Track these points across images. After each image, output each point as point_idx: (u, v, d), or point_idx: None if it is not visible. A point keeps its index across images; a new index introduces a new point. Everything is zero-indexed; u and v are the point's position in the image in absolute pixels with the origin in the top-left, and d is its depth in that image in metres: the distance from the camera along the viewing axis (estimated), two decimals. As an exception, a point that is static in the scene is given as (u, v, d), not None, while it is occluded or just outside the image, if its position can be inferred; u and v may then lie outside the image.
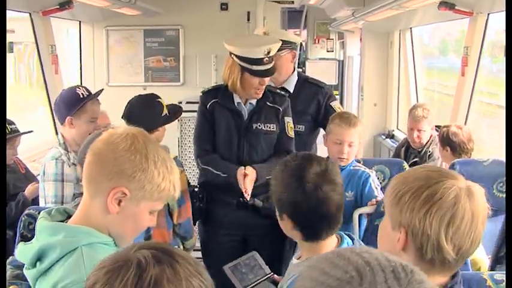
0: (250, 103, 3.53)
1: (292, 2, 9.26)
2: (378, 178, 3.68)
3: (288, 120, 3.59)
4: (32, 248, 1.64)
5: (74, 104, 3.52)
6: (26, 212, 2.79)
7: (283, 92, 3.66)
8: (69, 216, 1.75)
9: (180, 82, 6.99)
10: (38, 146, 5.94)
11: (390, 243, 1.59)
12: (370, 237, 3.08)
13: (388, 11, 5.10)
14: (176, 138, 6.67)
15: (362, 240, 2.85)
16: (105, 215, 1.66)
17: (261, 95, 3.49)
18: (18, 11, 4.99)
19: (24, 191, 4.02)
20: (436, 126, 5.03)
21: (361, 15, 6.14)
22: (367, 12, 5.78)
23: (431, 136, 4.96)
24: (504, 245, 2.69)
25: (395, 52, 7.79)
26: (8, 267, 1.97)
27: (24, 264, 1.77)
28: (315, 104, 4.01)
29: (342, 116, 3.47)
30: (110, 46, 6.88)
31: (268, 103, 3.53)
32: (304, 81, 4.09)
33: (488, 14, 4.82)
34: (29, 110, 7.22)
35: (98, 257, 1.54)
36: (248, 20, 6.82)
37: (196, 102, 6.59)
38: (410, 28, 7.30)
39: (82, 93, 3.59)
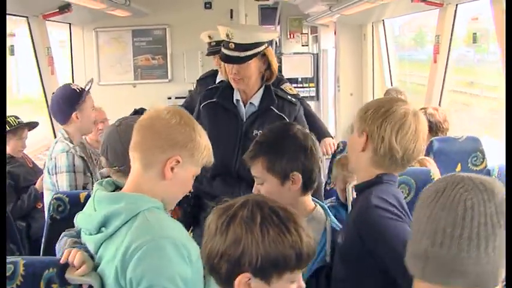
0: (251, 103, 3.19)
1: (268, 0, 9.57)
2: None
3: None
4: (97, 216, 1.89)
5: (75, 100, 3.58)
6: (55, 196, 3.04)
7: (294, 99, 3.30)
8: (117, 187, 2.06)
9: (168, 79, 7.29)
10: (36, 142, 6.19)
11: (355, 147, 2.16)
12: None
13: (365, 4, 5.39)
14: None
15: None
16: (159, 181, 1.91)
17: (238, 88, 3.16)
18: (16, 15, 5.22)
19: (34, 183, 4.20)
20: None
21: (338, 9, 6.42)
22: (345, 6, 6.05)
23: None
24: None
25: (369, 44, 8.08)
26: (65, 238, 2.21)
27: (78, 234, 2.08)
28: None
29: None
30: (100, 47, 7.13)
31: (274, 108, 3.18)
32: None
33: (457, 4, 5.18)
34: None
35: (161, 217, 1.87)
36: (231, 17, 7.11)
37: (184, 97, 6.95)
38: (383, 20, 7.58)
39: (77, 88, 3.66)
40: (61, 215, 2.93)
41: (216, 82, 4.20)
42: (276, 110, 3.16)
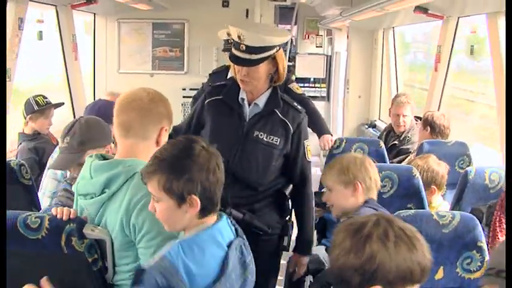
0: (256, 104, 3.13)
1: (285, 0, 9.79)
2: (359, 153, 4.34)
3: (308, 144, 3.23)
4: (100, 179, 2.26)
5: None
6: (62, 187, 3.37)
7: (299, 107, 3.22)
8: (105, 158, 2.39)
9: (184, 71, 7.61)
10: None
11: (344, 197, 2.89)
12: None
13: (372, 12, 5.65)
14: (180, 121, 7.30)
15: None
16: (153, 148, 2.26)
17: (245, 89, 3.11)
18: (45, 3, 5.54)
19: None
20: (415, 116, 5.42)
21: (348, 15, 6.66)
22: (354, 12, 6.30)
23: (411, 122, 5.31)
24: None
25: (379, 49, 8.35)
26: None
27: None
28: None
29: None
30: (121, 37, 7.47)
31: (278, 112, 3.12)
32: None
33: (458, 17, 5.48)
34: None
35: None
36: (247, 16, 7.42)
37: (198, 89, 7.27)
38: (393, 27, 7.86)
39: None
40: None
41: (227, 78, 4.33)
42: (279, 114, 3.12)
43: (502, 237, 3.08)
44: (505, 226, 3.10)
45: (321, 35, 12.34)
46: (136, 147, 2.31)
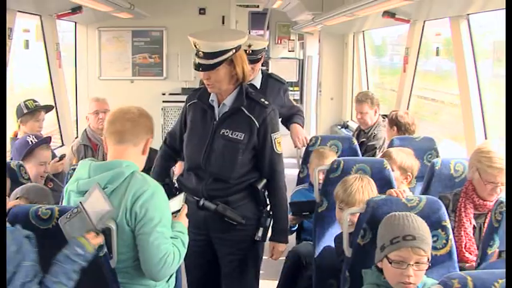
0: (224, 104, 3.35)
1: (258, 6, 10.00)
2: (333, 150, 4.60)
3: (276, 136, 3.39)
4: (102, 177, 2.58)
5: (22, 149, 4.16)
6: (72, 167, 3.63)
7: (266, 102, 3.38)
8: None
9: (164, 76, 7.78)
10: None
11: None
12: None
13: (343, 17, 5.95)
14: (160, 125, 7.56)
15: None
16: (140, 156, 2.73)
17: (210, 90, 3.32)
18: (31, 13, 5.72)
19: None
20: (382, 115, 5.65)
21: (320, 20, 6.95)
22: (326, 17, 6.59)
23: (377, 120, 5.55)
24: (493, 241, 3.01)
25: (350, 52, 8.62)
26: None
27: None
28: (280, 99, 4.37)
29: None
30: (102, 44, 7.62)
31: (243, 109, 3.33)
32: (267, 77, 4.43)
33: (424, 21, 5.78)
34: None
35: (145, 175, 2.67)
36: (223, 23, 7.62)
37: (178, 94, 7.53)
38: (363, 31, 8.13)
39: (31, 140, 4.23)
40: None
41: None
42: (245, 111, 3.32)
43: (466, 222, 3.39)
44: (469, 211, 3.41)
45: (293, 40, 12.60)
46: (127, 152, 2.69)
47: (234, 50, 3.22)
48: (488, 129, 4.59)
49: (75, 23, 7.31)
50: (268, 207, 3.51)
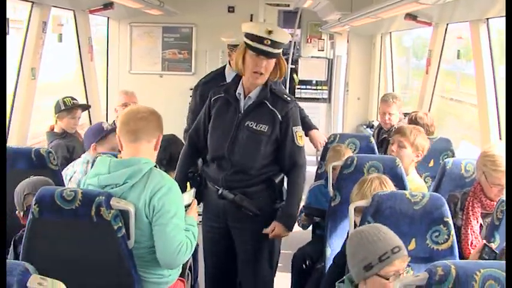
0: (249, 97, 3.50)
1: (288, 5, 10.14)
2: (351, 148, 4.75)
3: (297, 130, 3.53)
4: (123, 173, 2.79)
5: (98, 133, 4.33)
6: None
7: (288, 98, 3.55)
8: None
9: (192, 72, 7.97)
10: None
11: None
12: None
13: (367, 19, 6.06)
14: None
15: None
16: (153, 151, 2.91)
17: (257, 82, 3.44)
18: (65, 8, 5.96)
19: None
20: (403, 113, 5.71)
21: (346, 20, 7.03)
22: (351, 18, 6.68)
23: (400, 120, 5.58)
24: (494, 238, 3.07)
25: (377, 53, 8.72)
26: None
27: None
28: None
29: None
30: (133, 39, 7.85)
31: (268, 103, 3.48)
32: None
33: (447, 24, 5.89)
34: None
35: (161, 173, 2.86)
36: (251, 21, 7.63)
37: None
38: (390, 33, 8.23)
39: (106, 127, 4.39)
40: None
41: (227, 78, 4.27)
42: (269, 105, 3.48)
43: (473, 220, 3.49)
44: (476, 210, 3.51)
45: (323, 39, 12.63)
46: (142, 148, 2.87)
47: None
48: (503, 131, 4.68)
49: (108, 18, 7.52)
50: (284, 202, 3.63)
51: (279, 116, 3.47)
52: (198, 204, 3.40)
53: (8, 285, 1.78)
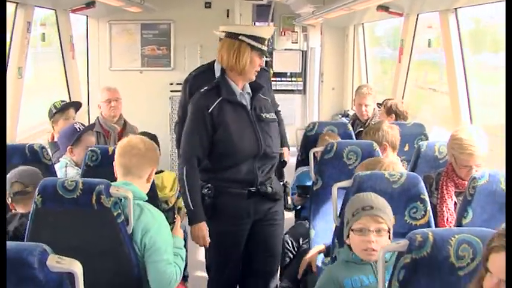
0: (247, 93, 3.58)
1: (262, 0, 10.39)
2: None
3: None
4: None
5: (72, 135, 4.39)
6: (90, 148, 4.00)
7: (263, 85, 3.70)
8: None
9: (171, 67, 8.10)
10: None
11: None
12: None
13: (341, 11, 6.27)
14: (168, 113, 7.91)
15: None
16: (145, 183, 3.09)
17: (254, 78, 3.56)
18: (46, 8, 6.07)
19: None
20: (377, 103, 5.92)
21: (320, 13, 7.25)
22: (325, 11, 6.90)
23: (374, 110, 5.79)
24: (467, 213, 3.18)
25: (350, 44, 8.97)
26: None
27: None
28: (266, 84, 4.12)
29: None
30: (112, 37, 7.94)
31: (261, 95, 3.62)
32: None
33: (418, 14, 6.11)
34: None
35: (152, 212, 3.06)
36: (227, 16, 7.92)
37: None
38: (362, 24, 8.46)
39: (78, 128, 4.46)
40: (94, 163, 3.94)
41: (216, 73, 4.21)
42: (261, 95, 3.64)
43: (448, 198, 3.71)
44: (450, 189, 3.73)
45: (297, 32, 12.78)
46: (134, 182, 3.04)
47: None
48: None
49: (87, 16, 7.62)
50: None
51: (269, 101, 3.71)
52: (211, 216, 3.51)
53: (29, 264, 1.95)
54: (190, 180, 3.44)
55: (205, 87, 3.55)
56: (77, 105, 5.33)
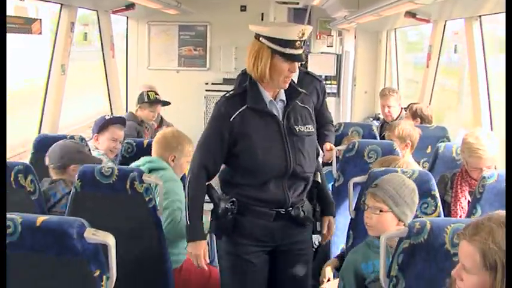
0: (281, 100, 3.02)
1: (298, 3, 10.41)
2: (355, 135, 5.14)
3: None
4: None
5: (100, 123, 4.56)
6: (126, 141, 4.30)
7: (304, 91, 3.14)
8: None
9: (207, 67, 8.42)
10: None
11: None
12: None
13: (370, 16, 6.44)
14: (203, 112, 8.20)
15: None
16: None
17: (287, 85, 2.98)
18: (88, 9, 6.44)
19: None
20: (404, 107, 5.99)
21: (352, 18, 7.43)
22: (356, 16, 7.05)
23: (400, 113, 5.89)
24: (475, 210, 3.34)
25: (383, 48, 9.10)
26: None
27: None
28: (315, 94, 4.13)
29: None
30: (151, 37, 8.29)
31: (299, 103, 3.06)
32: (304, 73, 4.13)
33: (446, 20, 6.27)
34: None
35: None
36: (262, 19, 8.16)
37: (219, 83, 8.13)
38: (395, 29, 8.59)
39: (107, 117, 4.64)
40: (129, 154, 4.23)
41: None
42: (299, 103, 3.08)
43: (461, 197, 3.89)
44: (464, 188, 3.92)
45: (332, 35, 12.96)
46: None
47: None
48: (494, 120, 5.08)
49: (127, 17, 7.95)
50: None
51: (310, 110, 3.13)
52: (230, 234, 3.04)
53: (69, 235, 2.23)
54: (192, 191, 2.98)
55: (231, 91, 3.11)
56: (165, 103, 5.62)
